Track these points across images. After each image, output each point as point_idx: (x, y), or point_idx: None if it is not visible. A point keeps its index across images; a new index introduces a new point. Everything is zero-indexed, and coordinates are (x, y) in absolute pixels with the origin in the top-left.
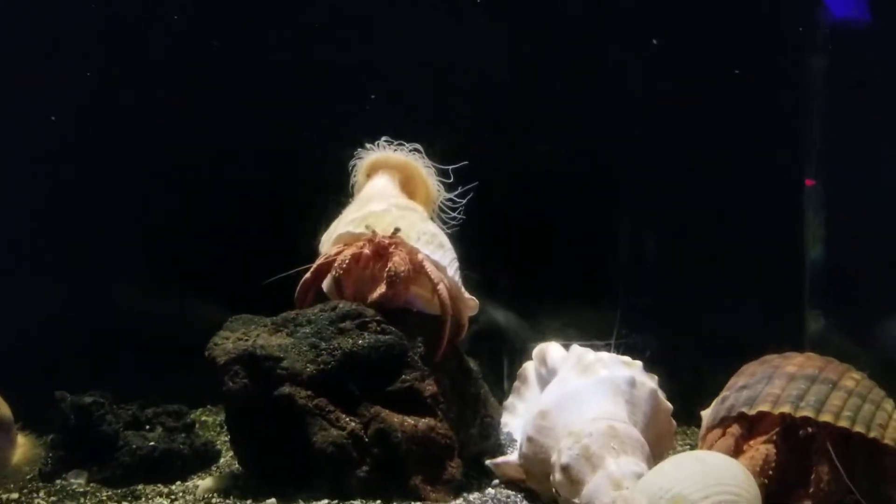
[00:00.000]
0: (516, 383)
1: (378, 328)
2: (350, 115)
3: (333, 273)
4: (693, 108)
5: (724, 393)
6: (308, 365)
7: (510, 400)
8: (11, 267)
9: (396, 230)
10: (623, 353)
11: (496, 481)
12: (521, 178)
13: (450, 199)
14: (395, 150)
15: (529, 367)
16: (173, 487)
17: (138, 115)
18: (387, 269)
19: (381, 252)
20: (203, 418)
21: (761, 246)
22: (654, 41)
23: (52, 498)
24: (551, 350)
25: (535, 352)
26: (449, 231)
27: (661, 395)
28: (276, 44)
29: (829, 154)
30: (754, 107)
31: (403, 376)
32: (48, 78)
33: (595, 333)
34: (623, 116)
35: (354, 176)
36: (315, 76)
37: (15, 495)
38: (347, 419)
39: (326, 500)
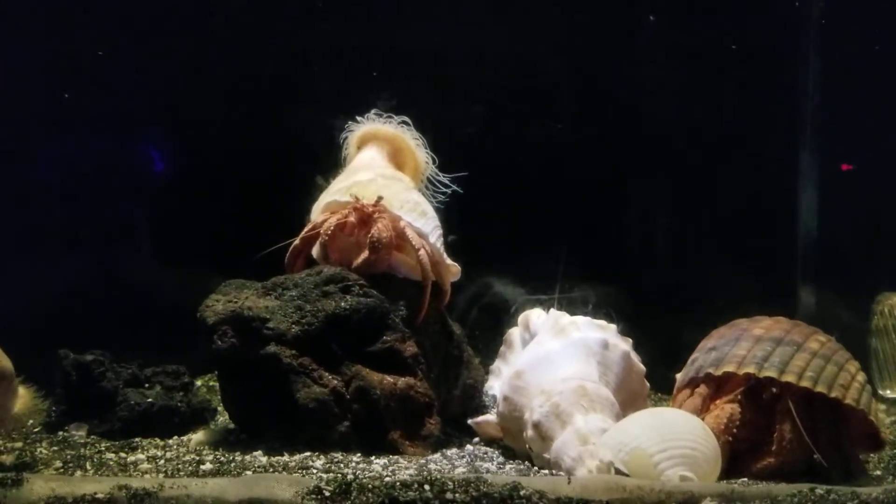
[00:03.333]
0: (502, 348)
1: (361, 291)
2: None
3: (319, 240)
4: (688, 81)
5: (694, 355)
6: (293, 326)
7: (496, 364)
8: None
9: (379, 198)
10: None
11: (476, 439)
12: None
13: (438, 175)
14: (385, 123)
15: (515, 333)
16: (169, 441)
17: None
18: (369, 235)
19: (364, 219)
20: (211, 383)
21: (755, 222)
22: (651, 17)
23: (54, 448)
24: (534, 315)
25: (520, 318)
26: (438, 202)
27: (635, 357)
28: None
29: (825, 131)
30: (749, 83)
31: (384, 337)
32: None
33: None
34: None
35: (346, 148)
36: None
37: (19, 444)
38: (330, 377)
39: (309, 453)
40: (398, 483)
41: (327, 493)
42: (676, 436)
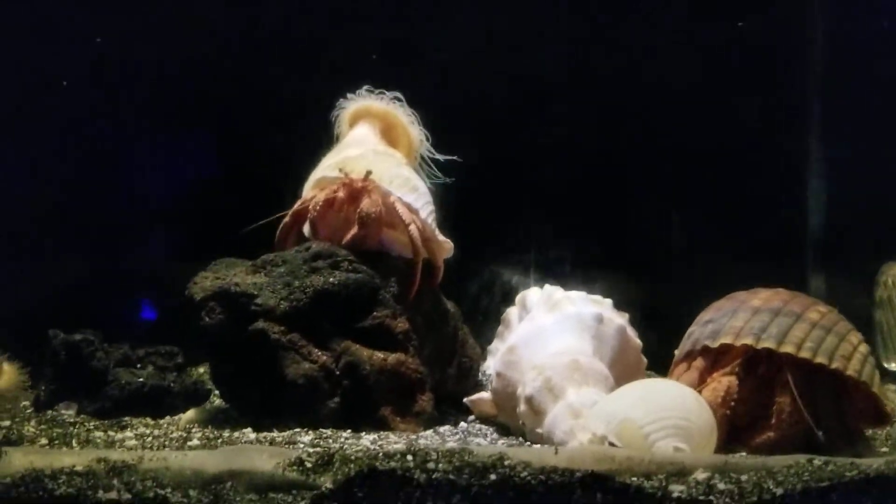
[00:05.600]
0: (500, 328)
1: (350, 267)
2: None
3: (309, 216)
4: (694, 73)
5: (691, 328)
6: (281, 302)
7: (494, 344)
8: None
9: (368, 173)
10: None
11: (472, 417)
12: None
13: (433, 153)
14: (378, 99)
15: (512, 312)
16: (161, 421)
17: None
18: (358, 210)
19: (354, 195)
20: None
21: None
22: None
23: (42, 426)
24: (530, 294)
25: (518, 297)
26: (434, 179)
27: (631, 332)
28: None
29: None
30: (756, 74)
31: (375, 313)
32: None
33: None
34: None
35: (338, 126)
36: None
37: (6, 422)
38: (319, 353)
39: (298, 429)
40: (381, 454)
41: (309, 465)
42: (668, 407)
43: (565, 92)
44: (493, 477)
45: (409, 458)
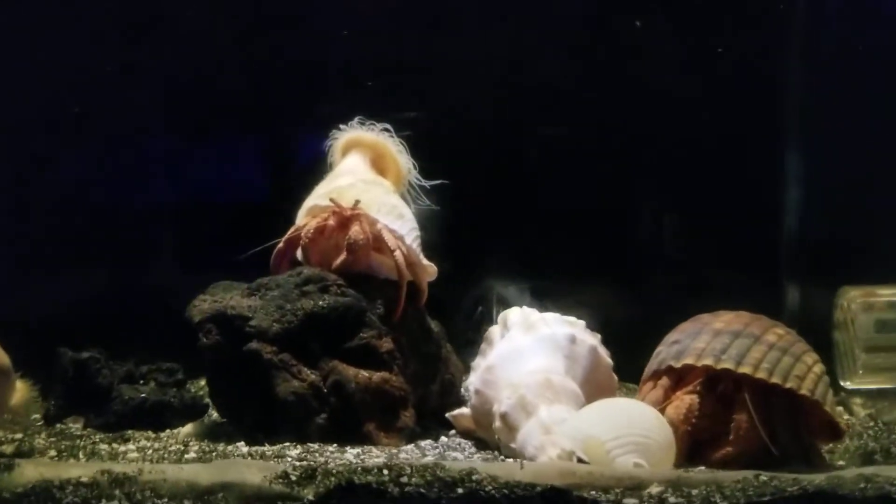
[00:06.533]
0: (483, 345)
1: (338, 291)
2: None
3: (301, 243)
4: (672, 81)
5: (658, 348)
6: (274, 323)
7: (476, 361)
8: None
9: (357, 202)
10: None
11: (453, 432)
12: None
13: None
14: (368, 130)
15: (495, 331)
16: (161, 434)
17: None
18: (346, 237)
19: (343, 223)
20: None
21: (740, 221)
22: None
23: (52, 438)
24: (511, 314)
25: (500, 316)
26: (419, 205)
27: (603, 352)
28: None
29: (808, 129)
30: (731, 80)
31: (361, 334)
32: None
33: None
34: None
35: (331, 155)
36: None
37: (19, 435)
38: (308, 372)
39: (288, 444)
40: (360, 468)
41: (294, 478)
42: (629, 425)
43: (531, 110)
44: (460, 490)
45: (385, 472)
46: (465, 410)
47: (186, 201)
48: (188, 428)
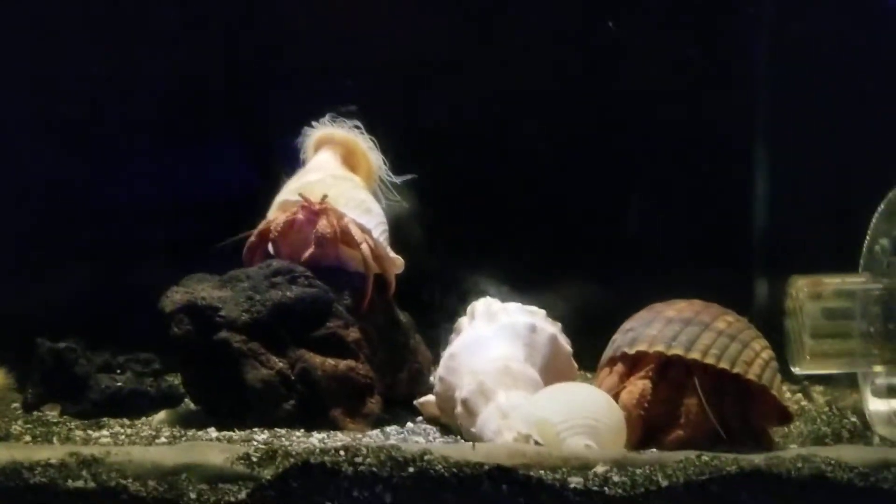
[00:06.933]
0: (452, 335)
1: (306, 282)
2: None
3: (271, 237)
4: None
5: (615, 336)
6: (243, 314)
7: (445, 349)
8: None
9: (325, 197)
10: None
11: (420, 418)
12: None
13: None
14: (339, 127)
15: (464, 321)
16: (136, 421)
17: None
18: (314, 231)
19: (311, 217)
20: None
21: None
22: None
23: (28, 425)
24: (479, 305)
25: (469, 308)
26: (390, 200)
27: (563, 340)
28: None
29: (775, 121)
30: (700, 71)
31: (328, 324)
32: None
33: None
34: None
35: (304, 152)
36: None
37: None
38: (276, 360)
39: (257, 429)
40: (318, 450)
41: (255, 459)
42: (580, 409)
43: (500, 99)
44: (411, 469)
45: (342, 453)
46: (431, 398)
47: (165, 196)
48: (161, 415)
